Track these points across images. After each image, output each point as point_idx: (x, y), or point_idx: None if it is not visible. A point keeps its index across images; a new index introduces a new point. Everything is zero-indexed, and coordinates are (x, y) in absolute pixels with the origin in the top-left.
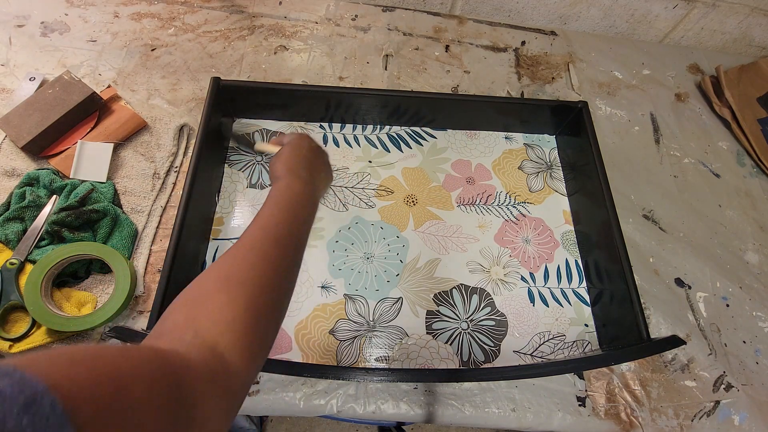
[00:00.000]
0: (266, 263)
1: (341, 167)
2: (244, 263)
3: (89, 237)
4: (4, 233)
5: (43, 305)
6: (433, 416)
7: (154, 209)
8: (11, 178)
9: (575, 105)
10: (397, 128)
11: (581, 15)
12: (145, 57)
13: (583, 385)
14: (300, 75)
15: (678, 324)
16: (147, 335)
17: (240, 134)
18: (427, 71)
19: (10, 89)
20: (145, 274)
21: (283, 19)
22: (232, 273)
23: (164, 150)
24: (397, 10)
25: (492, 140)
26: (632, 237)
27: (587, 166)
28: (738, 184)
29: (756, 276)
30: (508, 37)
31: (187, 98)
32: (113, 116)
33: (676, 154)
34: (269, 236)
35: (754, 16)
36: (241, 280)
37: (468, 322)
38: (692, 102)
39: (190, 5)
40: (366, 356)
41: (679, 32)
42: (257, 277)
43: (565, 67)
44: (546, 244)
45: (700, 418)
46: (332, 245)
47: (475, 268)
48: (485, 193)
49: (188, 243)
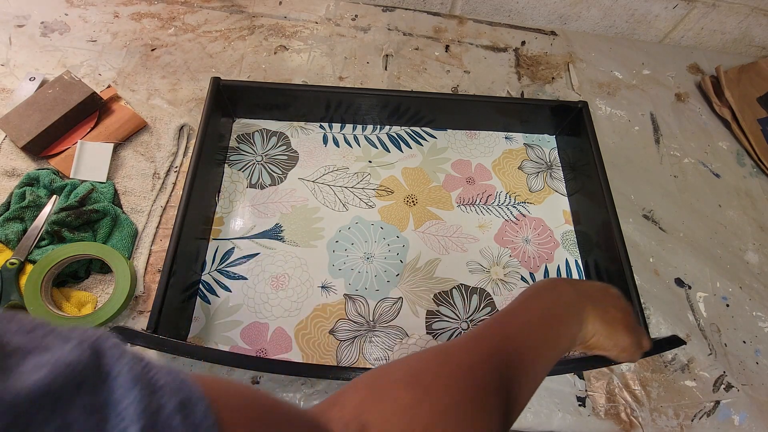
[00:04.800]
0: (478, 384)
1: (341, 167)
2: (449, 367)
3: (89, 237)
4: (4, 233)
5: (43, 305)
6: None
7: (154, 209)
8: (11, 178)
9: (575, 105)
10: (397, 128)
11: (581, 15)
12: (145, 57)
13: (583, 385)
14: (300, 75)
15: (678, 324)
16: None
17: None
18: (427, 71)
19: (10, 89)
20: (145, 274)
21: (283, 19)
22: (425, 370)
23: (164, 150)
24: (397, 10)
25: (492, 140)
26: (632, 237)
27: (587, 166)
28: (738, 184)
29: (756, 276)
30: (508, 37)
31: (187, 98)
32: (113, 116)
33: (676, 154)
34: (505, 364)
35: (754, 16)
36: (433, 385)
37: (468, 322)
38: (692, 102)
39: (190, 5)
40: (366, 356)
41: (679, 32)
42: (458, 390)
43: (565, 67)
44: (546, 244)
45: (700, 418)
46: (332, 245)
47: (475, 268)
48: (485, 193)
49: (188, 243)
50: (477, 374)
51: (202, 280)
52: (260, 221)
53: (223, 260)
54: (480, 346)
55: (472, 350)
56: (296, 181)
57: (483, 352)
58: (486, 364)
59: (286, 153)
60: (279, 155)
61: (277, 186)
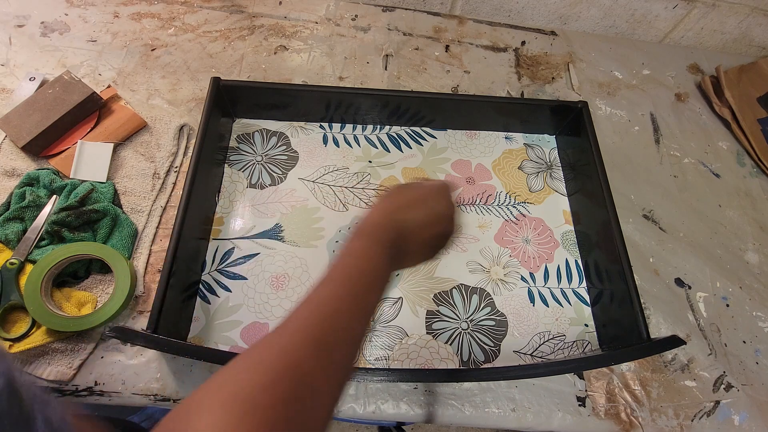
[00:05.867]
0: (294, 385)
1: (341, 167)
2: (263, 376)
3: (89, 237)
4: (4, 233)
5: (43, 305)
6: (433, 416)
7: (154, 209)
8: (11, 178)
9: (575, 105)
10: (397, 128)
11: (581, 15)
12: (145, 57)
13: (583, 385)
14: (300, 75)
15: (678, 324)
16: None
17: None
18: (427, 71)
19: (10, 89)
20: (145, 274)
21: (283, 19)
22: (245, 387)
23: (164, 150)
24: (397, 10)
25: (492, 140)
26: (632, 237)
27: (587, 166)
28: (738, 184)
29: (756, 276)
30: (508, 37)
31: (187, 98)
32: (113, 116)
33: (676, 154)
34: (315, 338)
35: (754, 16)
36: (255, 402)
37: (468, 322)
38: (692, 102)
39: (190, 5)
40: (366, 356)
41: (679, 32)
42: (276, 403)
43: (565, 67)
44: (546, 244)
45: (700, 418)
46: (332, 245)
47: (475, 268)
48: (485, 193)
49: (188, 243)
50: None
51: (202, 280)
52: (260, 221)
53: (223, 260)
54: (293, 342)
55: (286, 348)
56: (296, 181)
57: (296, 348)
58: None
59: (286, 153)
60: (279, 155)
61: (277, 186)
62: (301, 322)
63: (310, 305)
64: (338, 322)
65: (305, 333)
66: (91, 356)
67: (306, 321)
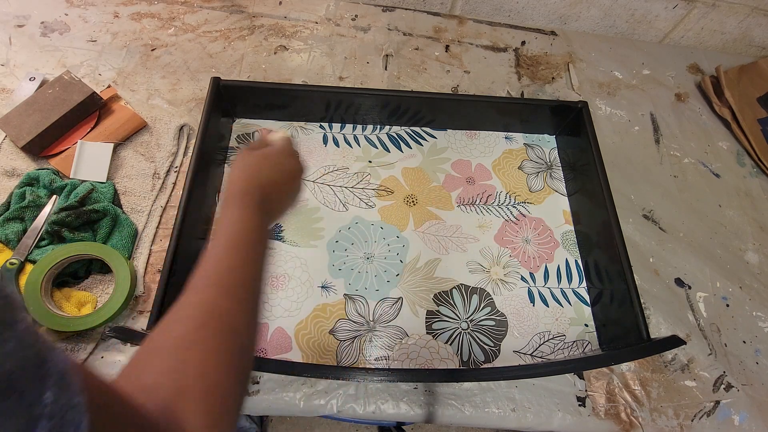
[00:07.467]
0: (218, 321)
1: (341, 167)
2: (191, 322)
3: (89, 237)
4: (4, 233)
5: (43, 305)
6: (433, 416)
7: (154, 209)
8: (11, 178)
9: (575, 105)
10: (397, 128)
11: (581, 15)
12: (145, 57)
13: (583, 385)
14: (300, 75)
15: (678, 324)
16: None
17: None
18: (427, 71)
19: (10, 89)
20: (145, 274)
21: (283, 19)
22: (180, 333)
23: (164, 150)
24: (397, 10)
25: (492, 140)
26: (632, 237)
27: (587, 166)
28: (738, 184)
29: (756, 276)
30: (508, 37)
31: (187, 98)
32: (113, 116)
33: (676, 154)
34: (221, 287)
35: (754, 16)
36: (191, 340)
37: (468, 322)
38: (692, 102)
39: (190, 5)
40: (366, 356)
41: (679, 32)
42: (209, 337)
43: (565, 67)
44: (546, 244)
45: (700, 418)
46: (332, 245)
47: (475, 268)
48: (485, 193)
49: (188, 243)
50: (223, 312)
51: None
52: None
53: None
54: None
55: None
56: None
57: (205, 309)
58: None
59: None
60: None
61: None
62: (205, 281)
63: (207, 267)
64: (236, 273)
65: (214, 287)
66: (91, 356)
67: (209, 280)
